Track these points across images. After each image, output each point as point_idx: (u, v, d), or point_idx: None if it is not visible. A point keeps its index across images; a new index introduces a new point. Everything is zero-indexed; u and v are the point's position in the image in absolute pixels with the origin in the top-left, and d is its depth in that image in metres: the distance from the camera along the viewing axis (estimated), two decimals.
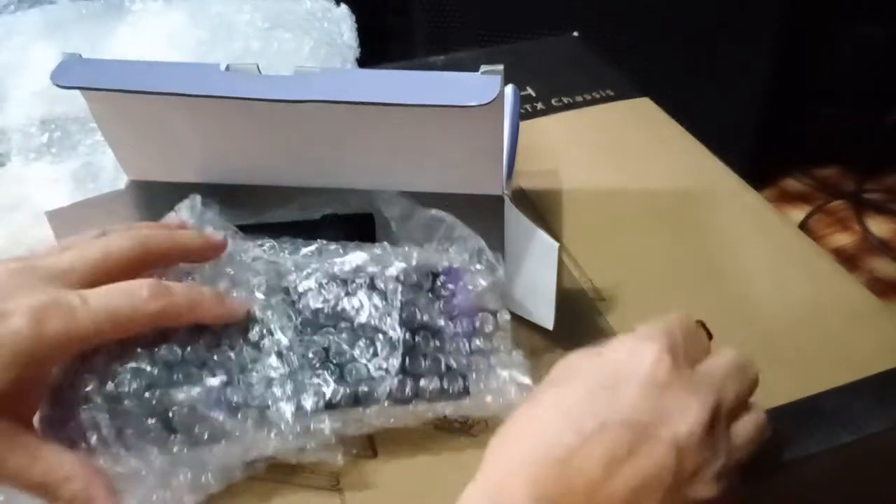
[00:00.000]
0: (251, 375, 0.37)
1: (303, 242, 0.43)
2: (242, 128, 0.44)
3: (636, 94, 0.74)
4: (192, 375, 0.37)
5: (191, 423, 0.36)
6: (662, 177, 0.63)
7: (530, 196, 0.61)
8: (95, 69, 0.42)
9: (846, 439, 0.43)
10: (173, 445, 0.36)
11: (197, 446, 0.36)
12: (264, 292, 0.39)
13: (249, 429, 0.36)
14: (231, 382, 0.37)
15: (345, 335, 0.39)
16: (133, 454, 0.35)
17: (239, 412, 0.37)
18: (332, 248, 0.42)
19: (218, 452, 0.37)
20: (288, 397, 0.37)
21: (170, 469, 0.36)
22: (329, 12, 0.71)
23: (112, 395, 0.36)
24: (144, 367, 0.36)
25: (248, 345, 0.38)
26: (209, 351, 0.38)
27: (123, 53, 0.65)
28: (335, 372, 0.38)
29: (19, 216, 0.54)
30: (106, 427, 0.35)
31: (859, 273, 1.21)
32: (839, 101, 1.31)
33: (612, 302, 0.51)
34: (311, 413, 0.37)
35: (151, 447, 0.36)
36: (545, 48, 0.83)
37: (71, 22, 0.69)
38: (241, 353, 0.38)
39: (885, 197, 1.36)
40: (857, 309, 0.51)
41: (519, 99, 0.56)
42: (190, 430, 0.36)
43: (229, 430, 0.36)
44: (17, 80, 0.63)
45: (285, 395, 0.37)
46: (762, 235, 0.57)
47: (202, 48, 0.64)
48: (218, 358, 0.38)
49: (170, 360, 0.37)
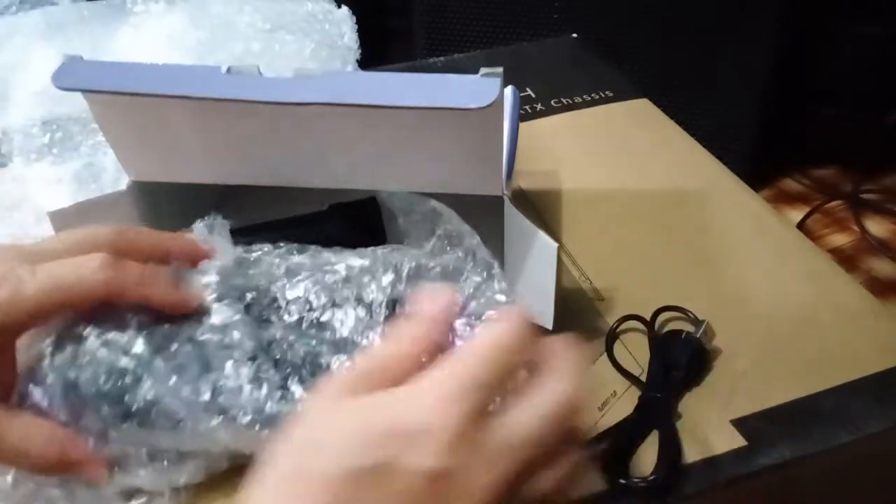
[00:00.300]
0: (220, 373, 0.37)
1: (298, 248, 0.42)
2: (243, 129, 0.44)
3: (635, 95, 0.74)
4: (159, 367, 0.37)
5: (148, 411, 0.36)
6: (662, 177, 0.63)
7: (530, 196, 0.61)
8: (96, 71, 0.42)
9: (845, 439, 0.43)
10: (130, 430, 0.36)
11: (154, 433, 0.37)
12: (249, 299, 0.39)
13: (214, 423, 0.36)
14: (198, 377, 0.37)
15: (325, 347, 0.39)
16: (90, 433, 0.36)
17: (203, 407, 0.37)
18: (325, 256, 0.42)
19: (172, 441, 0.37)
20: (256, 399, 0.37)
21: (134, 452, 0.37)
22: (330, 14, 0.71)
23: (69, 370, 0.36)
24: (112, 348, 0.37)
25: (221, 347, 0.38)
26: (174, 342, 0.38)
27: (125, 54, 0.65)
28: (306, 379, 0.38)
29: (21, 217, 0.54)
30: (59, 403, 0.36)
31: (857, 273, 1.21)
32: (839, 101, 1.31)
33: (610, 302, 0.51)
34: (276, 413, 0.37)
35: (107, 428, 0.36)
36: (545, 49, 0.83)
37: (72, 23, 0.69)
38: (208, 348, 0.38)
39: (884, 197, 1.36)
40: (856, 309, 0.51)
41: (519, 100, 0.56)
42: (146, 418, 0.36)
43: (189, 422, 0.36)
44: (19, 81, 0.63)
45: (252, 395, 0.37)
46: (761, 236, 0.57)
47: (203, 49, 0.64)
48: (181, 350, 0.38)
49: (142, 349, 0.37)
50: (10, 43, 0.66)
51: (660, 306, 0.49)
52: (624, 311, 0.50)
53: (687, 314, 0.49)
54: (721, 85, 1.23)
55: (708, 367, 0.47)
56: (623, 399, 0.45)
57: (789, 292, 0.52)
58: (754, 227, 0.58)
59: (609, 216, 0.59)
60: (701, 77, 1.22)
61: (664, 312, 0.49)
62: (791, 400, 0.45)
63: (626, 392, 0.46)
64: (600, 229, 0.58)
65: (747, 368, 0.47)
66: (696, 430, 0.43)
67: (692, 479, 0.41)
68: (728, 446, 0.42)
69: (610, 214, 0.60)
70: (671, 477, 0.41)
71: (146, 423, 0.36)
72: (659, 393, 0.44)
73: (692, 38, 1.19)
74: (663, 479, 0.40)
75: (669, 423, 0.43)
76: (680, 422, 0.44)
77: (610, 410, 0.45)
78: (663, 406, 0.44)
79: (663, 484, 0.40)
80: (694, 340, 0.46)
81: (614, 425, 0.43)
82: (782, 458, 0.42)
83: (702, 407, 0.45)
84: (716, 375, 0.46)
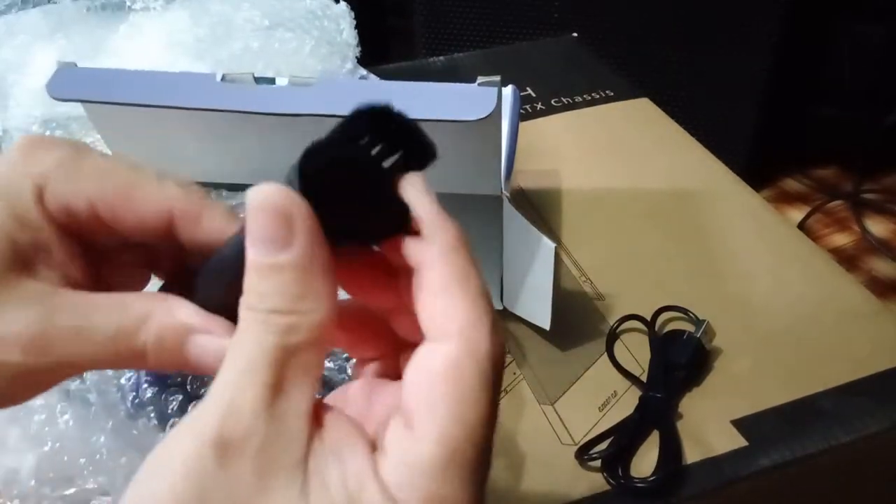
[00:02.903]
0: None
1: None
2: (239, 137, 0.44)
3: (636, 95, 0.74)
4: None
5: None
6: (662, 177, 0.63)
7: (530, 196, 0.61)
8: (90, 79, 0.42)
9: (844, 439, 0.43)
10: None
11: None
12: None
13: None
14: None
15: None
16: None
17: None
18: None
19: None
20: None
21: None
22: (328, 9, 0.71)
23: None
24: None
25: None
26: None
27: (124, 52, 0.65)
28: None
29: None
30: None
31: (858, 273, 1.21)
32: (839, 101, 1.31)
33: (611, 302, 0.51)
34: None
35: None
36: (545, 49, 0.83)
37: (72, 21, 0.69)
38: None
39: (884, 197, 1.36)
40: (856, 309, 0.51)
41: (519, 99, 0.56)
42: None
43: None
44: (19, 80, 0.63)
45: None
46: (761, 236, 0.57)
47: (202, 47, 0.64)
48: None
49: None
50: (10, 41, 0.66)
51: (660, 306, 0.49)
52: (624, 311, 0.50)
53: (687, 314, 0.49)
54: (721, 85, 1.23)
55: (708, 367, 0.47)
56: (623, 399, 0.45)
57: (790, 292, 0.52)
58: (755, 227, 0.58)
59: (609, 216, 0.59)
60: (701, 77, 1.22)
61: (664, 312, 0.49)
62: (791, 400, 0.45)
63: (626, 392, 0.46)
64: (600, 229, 0.58)
65: (747, 368, 0.47)
66: (697, 430, 0.43)
67: (692, 480, 0.41)
68: (728, 446, 0.42)
69: (610, 214, 0.59)
70: (671, 477, 0.41)
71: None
72: (659, 393, 0.44)
73: (692, 37, 1.19)
74: (663, 480, 0.40)
75: (669, 423, 0.43)
76: (680, 422, 0.44)
77: (610, 410, 0.45)
78: (663, 406, 0.44)
79: (663, 484, 0.40)
80: (694, 340, 0.46)
81: (614, 425, 0.43)
82: (782, 458, 0.42)
83: (702, 407, 0.45)
84: (716, 375, 0.46)
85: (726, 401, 0.45)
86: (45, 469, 0.37)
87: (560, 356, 0.48)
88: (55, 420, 0.39)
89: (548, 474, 0.42)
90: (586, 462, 0.42)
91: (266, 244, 0.22)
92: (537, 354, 0.48)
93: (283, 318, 0.21)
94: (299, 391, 0.22)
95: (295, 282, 0.22)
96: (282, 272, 0.22)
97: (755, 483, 0.42)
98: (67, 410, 0.39)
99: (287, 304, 0.22)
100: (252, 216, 0.22)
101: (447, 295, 0.22)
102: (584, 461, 0.42)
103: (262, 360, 0.21)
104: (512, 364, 0.48)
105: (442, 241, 0.23)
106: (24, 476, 0.37)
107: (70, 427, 0.38)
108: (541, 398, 0.46)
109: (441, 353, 0.22)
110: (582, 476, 0.41)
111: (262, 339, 0.21)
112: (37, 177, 0.25)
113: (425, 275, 0.23)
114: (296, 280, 0.22)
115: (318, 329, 0.22)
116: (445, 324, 0.22)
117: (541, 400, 0.46)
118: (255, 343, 0.21)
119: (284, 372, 0.21)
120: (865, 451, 0.44)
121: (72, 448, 0.38)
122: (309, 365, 0.22)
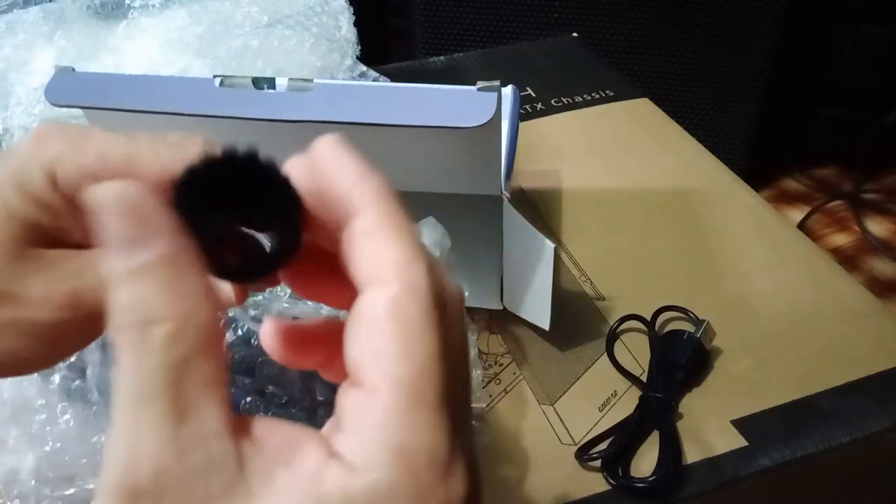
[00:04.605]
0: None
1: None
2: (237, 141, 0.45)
3: (636, 95, 0.74)
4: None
5: None
6: (662, 177, 0.63)
7: (530, 196, 0.61)
8: (88, 84, 0.41)
9: (844, 439, 0.43)
10: None
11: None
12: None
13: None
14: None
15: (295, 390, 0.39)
16: None
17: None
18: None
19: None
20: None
21: None
22: (327, 5, 0.71)
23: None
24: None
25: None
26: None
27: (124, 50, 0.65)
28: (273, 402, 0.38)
29: None
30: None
31: (858, 273, 1.21)
32: (838, 101, 1.31)
33: (611, 302, 0.51)
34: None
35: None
36: (545, 49, 0.83)
37: (72, 19, 0.69)
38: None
39: (884, 197, 1.36)
40: (856, 309, 0.51)
41: (519, 99, 0.56)
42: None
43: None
44: (20, 78, 0.63)
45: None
46: (761, 235, 0.57)
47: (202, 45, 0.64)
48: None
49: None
50: (11, 39, 0.66)
51: (660, 306, 0.49)
52: (624, 311, 0.50)
53: (687, 314, 0.49)
54: (721, 85, 1.23)
55: (708, 367, 0.47)
56: (623, 399, 0.45)
57: (790, 292, 0.52)
58: (754, 226, 0.58)
59: (609, 216, 0.59)
60: (701, 77, 1.22)
61: (664, 312, 0.49)
62: (791, 400, 0.45)
63: (626, 392, 0.46)
64: (601, 229, 0.58)
65: (747, 368, 0.47)
66: (696, 430, 0.43)
67: (692, 479, 0.41)
68: (728, 446, 0.42)
69: (610, 214, 0.59)
70: (671, 477, 0.41)
71: None
72: (659, 393, 0.44)
73: (692, 37, 1.19)
74: (663, 479, 0.40)
75: (669, 423, 0.43)
76: (680, 422, 0.44)
77: (610, 410, 0.45)
78: (663, 406, 0.44)
79: (663, 484, 0.40)
80: (694, 340, 0.46)
81: (614, 425, 0.43)
82: (782, 458, 0.42)
83: (702, 407, 0.45)
84: (716, 375, 0.46)
85: (726, 401, 0.45)
86: (45, 469, 0.37)
87: (560, 356, 0.48)
88: (55, 420, 0.39)
89: (548, 474, 0.42)
90: (586, 462, 0.42)
91: (124, 244, 0.19)
92: (537, 354, 0.48)
93: (161, 328, 0.18)
94: (207, 409, 0.19)
95: (166, 281, 0.19)
96: (149, 273, 0.19)
97: (755, 483, 0.42)
98: (68, 410, 0.39)
99: (162, 310, 0.19)
100: (101, 217, 0.19)
101: (378, 239, 0.20)
102: (584, 461, 0.42)
103: (151, 388, 0.18)
104: (512, 364, 0.48)
105: (365, 190, 0.21)
106: (24, 476, 0.37)
107: (70, 427, 0.38)
108: (541, 398, 0.46)
109: (378, 295, 0.20)
110: (582, 476, 0.41)
111: (144, 363, 0.18)
112: (47, 162, 0.25)
113: (354, 226, 0.21)
114: (166, 279, 0.19)
115: (206, 332, 0.19)
116: (379, 267, 0.20)
117: (541, 400, 0.46)
118: (137, 369, 0.18)
119: (182, 392, 0.18)
120: (865, 451, 0.44)
121: (72, 448, 0.38)
122: (209, 376, 0.19)
